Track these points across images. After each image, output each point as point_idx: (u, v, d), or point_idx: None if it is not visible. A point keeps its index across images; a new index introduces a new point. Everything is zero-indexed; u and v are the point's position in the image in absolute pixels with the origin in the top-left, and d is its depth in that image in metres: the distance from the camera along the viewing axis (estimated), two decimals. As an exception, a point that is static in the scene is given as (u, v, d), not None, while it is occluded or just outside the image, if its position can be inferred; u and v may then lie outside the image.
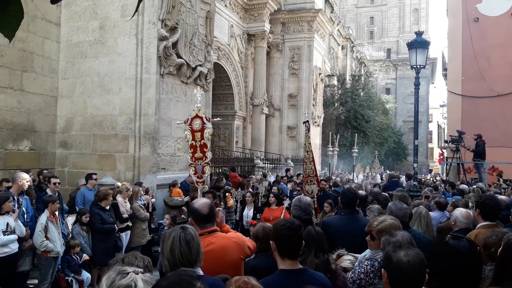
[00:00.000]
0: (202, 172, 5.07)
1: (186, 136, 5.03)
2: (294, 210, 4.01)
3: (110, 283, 1.57)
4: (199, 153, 4.99)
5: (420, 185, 11.33)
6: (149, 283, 1.60)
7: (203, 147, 4.98)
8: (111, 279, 1.58)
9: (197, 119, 4.93)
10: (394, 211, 3.69)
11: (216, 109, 16.58)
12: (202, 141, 4.93)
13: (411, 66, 9.67)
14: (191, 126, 4.95)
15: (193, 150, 5.00)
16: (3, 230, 4.82)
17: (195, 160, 5.02)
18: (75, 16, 9.23)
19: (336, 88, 27.72)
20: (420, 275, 1.89)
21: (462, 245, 2.26)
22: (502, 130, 16.10)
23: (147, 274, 1.65)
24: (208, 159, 5.03)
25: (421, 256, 1.93)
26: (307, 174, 6.87)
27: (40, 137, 8.90)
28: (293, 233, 2.45)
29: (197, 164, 5.06)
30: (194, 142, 4.97)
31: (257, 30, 18.27)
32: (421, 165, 33.63)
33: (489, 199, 3.94)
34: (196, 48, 9.88)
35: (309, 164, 6.81)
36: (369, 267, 2.88)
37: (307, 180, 6.77)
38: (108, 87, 8.91)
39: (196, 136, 4.93)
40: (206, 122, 4.91)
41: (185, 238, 2.18)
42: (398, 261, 1.90)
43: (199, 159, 5.01)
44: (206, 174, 5.08)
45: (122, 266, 1.66)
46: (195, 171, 5.07)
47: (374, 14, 51.44)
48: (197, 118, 4.93)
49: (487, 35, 17.24)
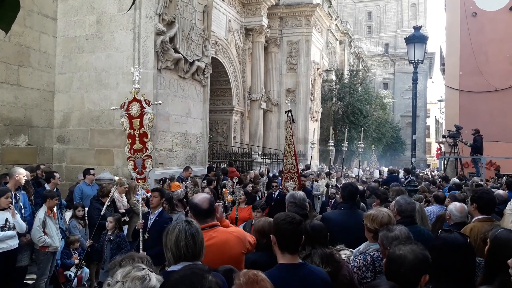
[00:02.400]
0: (142, 167, 4.30)
1: (123, 124, 4.27)
2: (289, 207, 3.95)
3: (126, 274, 1.63)
4: (138, 144, 4.22)
5: (418, 179, 11.36)
6: (160, 281, 1.67)
7: (143, 137, 4.20)
8: (127, 271, 1.64)
9: (135, 103, 4.18)
10: (403, 205, 3.68)
11: (214, 104, 16.56)
12: (142, 130, 4.17)
13: (409, 61, 9.65)
14: (128, 111, 4.20)
15: (131, 140, 4.24)
16: (1, 226, 4.80)
17: (134, 153, 4.27)
18: (72, 10, 9.17)
19: (334, 83, 27.70)
20: (414, 269, 1.90)
21: (453, 238, 2.28)
22: (500, 125, 16.13)
23: (159, 277, 1.71)
24: (150, 151, 4.25)
25: (417, 253, 1.93)
26: (287, 169, 6.29)
27: (37, 132, 8.87)
28: (294, 227, 2.45)
29: (136, 157, 4.28)
30: (132, 131, 4.21)
31: (254, 25, 18.23)
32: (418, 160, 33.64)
33: (485, 193, 3.96)
34: (194, 43, 9.85)
35: (290, 159, 6.26)
36: (361, 261, 2.89)
37: (287, 176, 6.25)
38: (105, 82, 8.87)
39: (135, 123, 4.17)
40: (146, 107, 4.16)
41: (190, 231, 2.22)
42: (392, 253, 1.95)
43: (139, 151, 4.25)
44: (147, 169, 4.32)
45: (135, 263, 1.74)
46: (134, 166, 4.31)
47: (372, 9, 51.32)
48: (135, 102, 4.18)
49: (485, 30, 17.22)
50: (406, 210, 3.66)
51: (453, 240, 2.27)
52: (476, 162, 14.12)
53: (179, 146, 9.67)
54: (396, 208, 3.71)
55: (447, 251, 2.19)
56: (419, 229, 3.65)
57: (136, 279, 1.63)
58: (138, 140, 4.21)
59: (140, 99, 4.17)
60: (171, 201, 6.17)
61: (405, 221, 3.37)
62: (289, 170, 6.23)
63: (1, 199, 4.84)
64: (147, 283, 1.64)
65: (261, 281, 1.95)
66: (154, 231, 4.71)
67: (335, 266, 2.73)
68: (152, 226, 4.86)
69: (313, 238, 2.84)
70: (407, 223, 3.20)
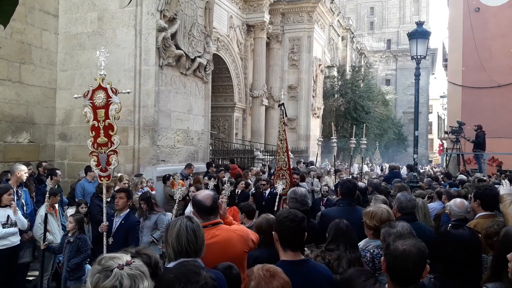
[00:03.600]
0: (106, 163, 3.83)
1: (86, 115, 3.82)
2: (290, 203, 3.93)
3: (95, 284, 1.47)
4: (102, 138, 3.78)
5: (420, 176, 11.35)
6: (137, 275, 1.50)
7: (108, 129, 3.76)
8: (95, 280, 1.47)
9: (100, 92, 3.76)
10: (404, 202, 3.67)
11: (216, 101, 16.53)
12: (107, 121, 3.74)
13: (412, 57, 9.62)
14: (92, 100, 3.77)
15: (95, 133, 3.80)
16: (3, 223, 4.81)
17: (97, 147, 3.82)
18: (73, 7, 9.16)
19: (336, 79, 27.60)
20: (416, 264, 1.89)
21: (464, 233, 2.27)
22: (503, 120, 16.08)
23: (134, 264, 1.53)
24: (115, 145, 3.82)
25: (419, 246, 1.92)
26: (279, 166, 5.87)
27: (39, 129, 8.88)
28: (296, 224, 2.45)
29: (100, 152, 3.83)
30: (96, 123, 3.77)
31: (256, 21, 18.16)
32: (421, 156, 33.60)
33: (488, 189, 3.93)
34: (195, 39, 9.82)
35: (282, 155, 5.84)
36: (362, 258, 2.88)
37: (278, 174, 5.83)
38: (107, 79, 8.83)
39: (99, 114, 3.74)
40: (112, 96, 3.73)
41: (191, 226, 2.21)
42: (395, 249, 1.92)
43: (103, 146, 3.80)
44: (112, 166, 3.86)
45: (106, 261, 1.52)
46: (97, 162, 3.87)
47: (375, 4, 51.07)
48: (100, 90, 3.77)
49: (488, 26, 17.14)
50: (407, 207, 3.66)
51: (464, 235, 2.26)
52: (479, 158, 14.08)
53: (181, 143, 9.66)
54: (397, 205, 3.71)
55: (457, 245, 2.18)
56: (420, 225, 3.64)
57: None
58: (102, 133, 3.75)
59: (106, 87, 3.74)
60: (149, 200, 5.93)
61: (405, 218, 3.36)
62: (281, 168, 5.84)
63: (3, 196, 4.85)
64: None
65: (280, 273, 1.95)
66: (119, 236, 4.44)
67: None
68: (117, 230, 4.52)
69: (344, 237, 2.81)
70: (407, 220, 3.18)
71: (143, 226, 5.64)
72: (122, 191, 4.78)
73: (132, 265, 1.52)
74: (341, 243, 2.81)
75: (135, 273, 1.50)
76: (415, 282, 1.91)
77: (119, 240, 4.35)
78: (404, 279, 1.89)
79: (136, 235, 4.76)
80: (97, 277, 1.47)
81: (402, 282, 1.90)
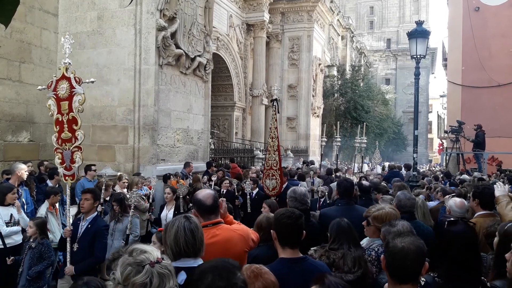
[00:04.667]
0: (71, 161, 3.49)
1: (50, 108, 3.51)
2: (289, 202, 3.93)
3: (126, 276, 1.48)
4: (66, 133, 3.45)
5: (419, 175, 11.36)
6: (165, 274, 1.52)
7: (72, 123, 3.44)
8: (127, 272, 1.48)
9: (64, 82, 3.41)
10: (403, 200, 3.68)
11: (216, 100, 16.54)
12: (71, 114, 3.41)
13: (411, 56, 9.62)
14: (56, 92, 3.43)
15: (59, 127, 3.48)
16: (7, 222, 4.83)
17: (61, 143, 3.50)
18: (73, 6, 9.16)
19: (336, 79, 27.61)
20: (415, 261, 1.91)
21: (459, 228, 2.29)
22: (502, 120, 16.08)
23: (163, 263, 1.55)
24: (79, 141, 3.49)
25: (418, 244, 1.94)
26: (269, 165, 5.59)
27: (39, 128, 8.88)
28: (293, 222, 2.46)
29: (64, 149, 3.51)
30: (60, 116, 3.44)
31: (256, 20, 18.16)
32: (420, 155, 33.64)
33: (487, 189, 3.94)
34: (195, 39, 9.82)
35: (272, 154, 5.58)
36: (366, 257, 2.89)
37: (268, 174, 5.56)
38: (107, 78, 8.87)
39: (63, 106, 3.41)
40: (76, 86, 3.40)
41: (189, 227, 2.20)
42: (394, 247, 1.94)
43: (67, 141, 3.47)
44: (76, 163, 3.53)
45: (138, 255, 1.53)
46: (61, 160, 3.54)
47: (374, 4, 51.06)
48: (63, 80, 3.42)
49: (487, 25, 17.13)
50: (406, 206, 3.67)
51: (459, 230, 2.28)
52: (478, 157, 14.09)
53: (180, 142, 9.67)
54: (396, 203, 3.72)
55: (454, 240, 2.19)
56: (418, 224, 3.65)
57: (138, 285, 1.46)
58: (66, 127, 3.42)
59: (69, 76, 3.38)
60: (122, 202, 5.59)
61: (404, 217, 3.37)
62: (271, 167, 5.52)
63: (8, 195, 4.87)
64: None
65: (264, 274, 1.95)
66: (85, 242, 4.08)
67: (364, 267, 2.73)
68: (83, 236, 4.12)
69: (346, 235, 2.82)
70: (406, 219, 3.19)
71: (114, 230, 5.28)
72: (88, 192, 4.28)
73: (162, 264, 1.54)
74: (344, 241, 2.81)
75: (164, 272, 1.52)
76: (414, 279, 1.93)
77: (85, 246, 4.05)
78: (403, 276, 1.92)
79: (103, 241, 4.25)
80: (129, 269, 1.48)
81: (401, 278, 1.92)
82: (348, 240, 2.82)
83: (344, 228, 2.88)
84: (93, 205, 4.24)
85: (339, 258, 2.72)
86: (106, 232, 4.42)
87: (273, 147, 5.52)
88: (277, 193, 5.55)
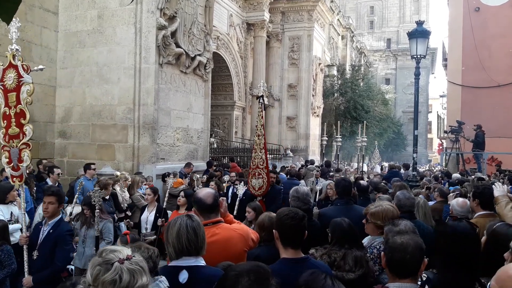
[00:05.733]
0: (18, 160, 3.10)
1: None
2: (292, 201, 3.92)
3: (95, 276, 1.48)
4: (14, 128, 3.06)
5: (418, 175, 11.37)
6: (137, 271, 1.51)
7: (20, 117, 3.05)
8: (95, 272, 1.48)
9: (11, 70, 3.04)
10: (402, 200, 3.68)
11: (216, 99, 16.54)
12: (19, 107, 3.03)
13: (411, 56, 9.62)
14: (3, 82, 3.07)
15: (6, 122, 3.11)
16: (8, 219, 4.83)
17: (9, 140, 3.12)
18: (73, 5, 9.15)
19: (336, 78, 27.60)
20: (414, 256, 1.94)
21: (462, 226, 2.31)
22: (502, 120, 16.09)
23: (134, 259, 1.53)
24: (28, 137, 3.10)
25: (417, 240, 1.99)
26: (255, 164, 5.37)
27: (39, 127, 8.87)
28: (296, 222, 2.45)
29: (11, 146, 3.12)
30: (8, 110, 3.07)
31: (256, 20, 18.16)
32: (420, 155, 33.66)
33: (487, 189, 3.94)
34: (195, 38, 9.82)
35: (259, 152, 5.38)
36: (368, 255, 2.89)
37: (254, 173, 5.35)
38: (107, 76, 8.87)
39: (10, 98, 3.03)
40: (24, 74, 3.04)
41: (192, 225, 2.20)
42: (393, 242, 1.99)
43: (15, 138, 3.08)
44: (24, 163, 3.13)
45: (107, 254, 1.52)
46: (8, 158, 3.16)
47: (374, 3, 51.05)
48: (11, 68, 3.05)
49: (487, 25, 17.14)
50: (405, 205, 3.67)
51: (463, 228, 2.30)
52: (478, 157, 14.11)
53: (180, 141, 9.67)
54: (395, 203, 3.72)
55: (456, 238, 2.22)
56: (418, 224, 3.65)
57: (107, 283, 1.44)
58: (14, 121, 3.03)
59: (16, 64, 3.01)
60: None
61: (404, 216, 3.37)
62: (257, 165, 5.31)
63: (10, 193, 4.89)
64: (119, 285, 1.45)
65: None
66: (46, 249, 3.64)
67: (365, 266, 2.73)
68: (44, 242, 3.68)
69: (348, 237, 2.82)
70: (406, 218, 3.19)
71: (86, 236, 4.77)
72: (52, 195, 3.77)
73: (132, 260, 1.53)
74: (345, 241, 2.81)
75: (135, 268, 1.51)
76: (413, 273, 1.97)
77: (46, 253, 3.62)
78: (403, 270, 1.96)
79: (65, 247, 3.74)
80: (98, 269, 1.48)
81: (401, 273, 1.96)
82: (349, 239, 2.82)
83: (344, 228, 2.88)
84: (57, 208, 3.81)
85: (340, 257, 2.72)
86: (69, 238, 3.90)
87: (259, 145, 5.33)
88: (264, 193, 5.35)
